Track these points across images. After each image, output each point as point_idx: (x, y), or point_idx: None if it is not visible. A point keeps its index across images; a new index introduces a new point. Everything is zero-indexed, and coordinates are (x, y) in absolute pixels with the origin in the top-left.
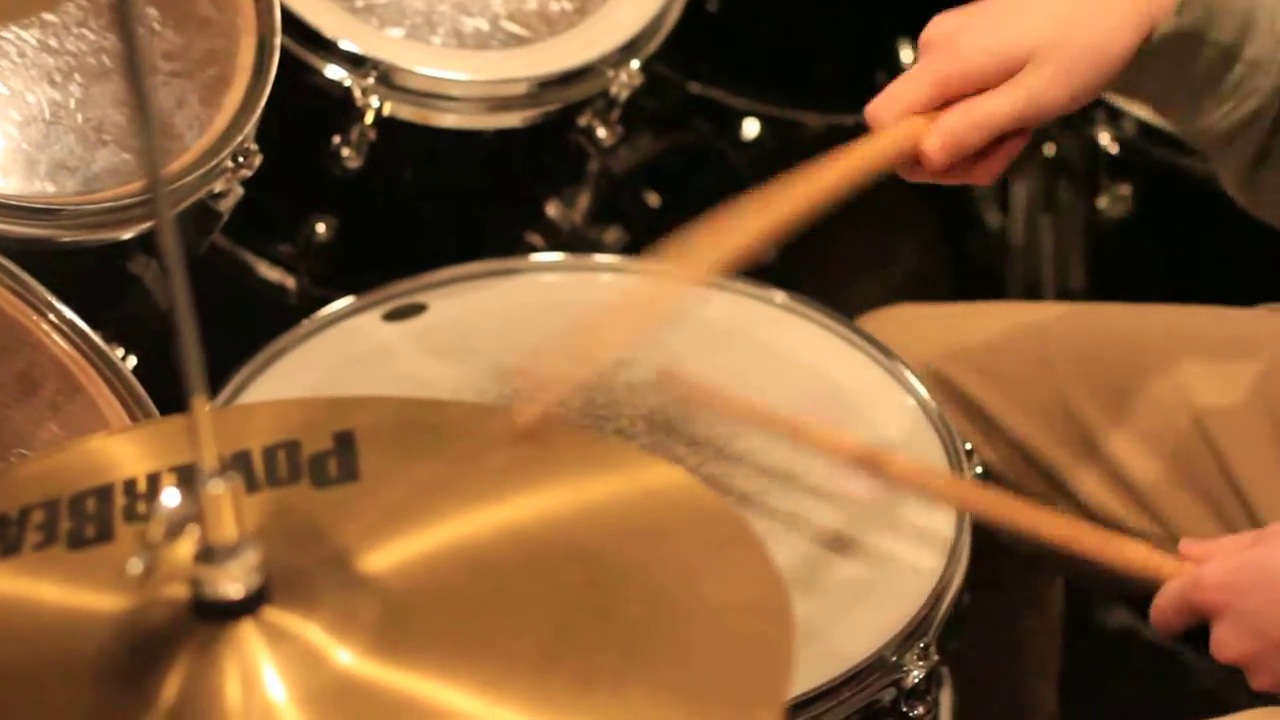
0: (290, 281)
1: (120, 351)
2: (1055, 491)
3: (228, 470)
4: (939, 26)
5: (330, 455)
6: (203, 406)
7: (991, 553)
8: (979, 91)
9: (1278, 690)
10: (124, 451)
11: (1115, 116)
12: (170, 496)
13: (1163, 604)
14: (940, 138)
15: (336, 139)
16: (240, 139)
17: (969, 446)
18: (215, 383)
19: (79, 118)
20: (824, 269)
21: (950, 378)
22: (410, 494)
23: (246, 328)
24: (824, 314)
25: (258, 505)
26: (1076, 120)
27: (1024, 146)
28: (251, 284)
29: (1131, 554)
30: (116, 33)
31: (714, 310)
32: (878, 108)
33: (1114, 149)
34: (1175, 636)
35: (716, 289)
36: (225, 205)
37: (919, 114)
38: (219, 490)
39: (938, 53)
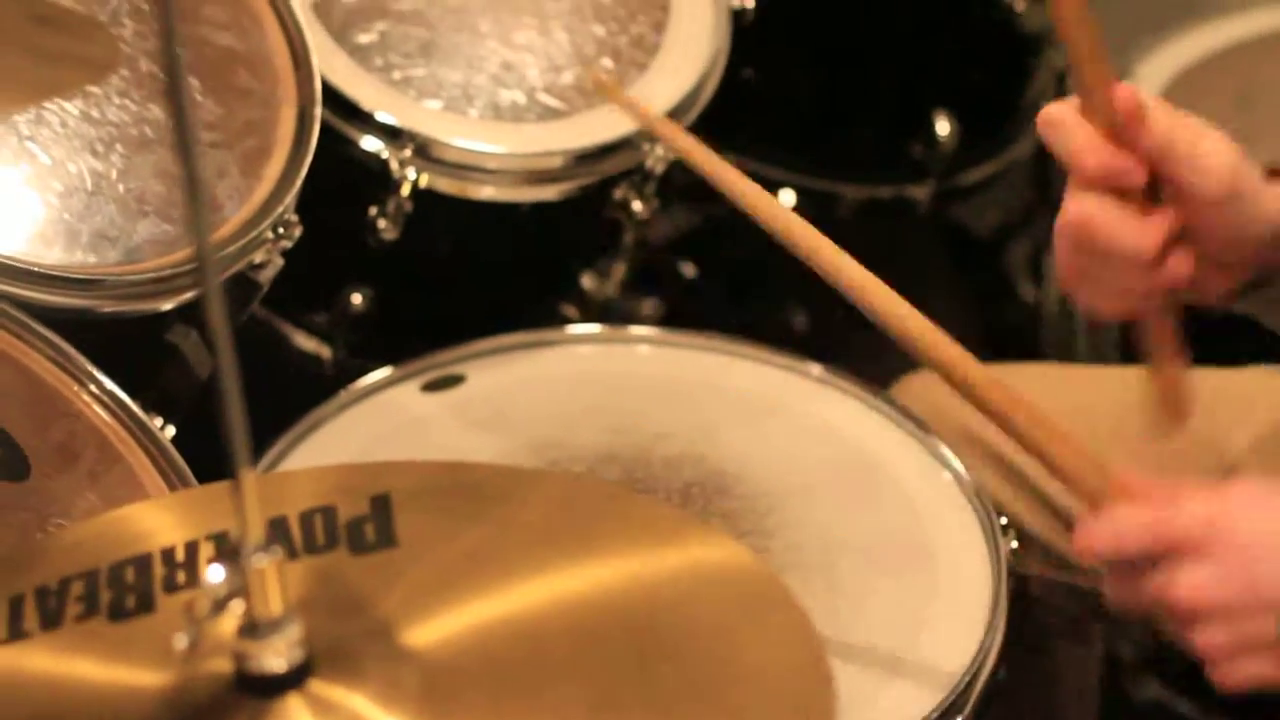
0: (325, 352)
1: (159, 421)
2: None
3: (271, 544)
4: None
5: (367, 520)
6: (249, 480)
7: (1031, 619)
8: None
9: (1237, 682)
10: (161, 520)
11: None
12: (215, 572)
13: (1107, 530)
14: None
15: (373, 210)
16: (281, 210)
17: (1004, 520)
18: (253, 453)
19: (120, 188)
20: (855, 339)
21: (989, 440)
22: (450, 561)
23: (282, 398)
24: (860, 387)
25: (297, 574)
26: None
27: None
28: (287, 354)
29: (1070, 458)
30: (166, 104)
31: (749, 381)
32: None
33: None
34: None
35: (752, 360)
36: (265, 276)
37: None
38: (263, 564)
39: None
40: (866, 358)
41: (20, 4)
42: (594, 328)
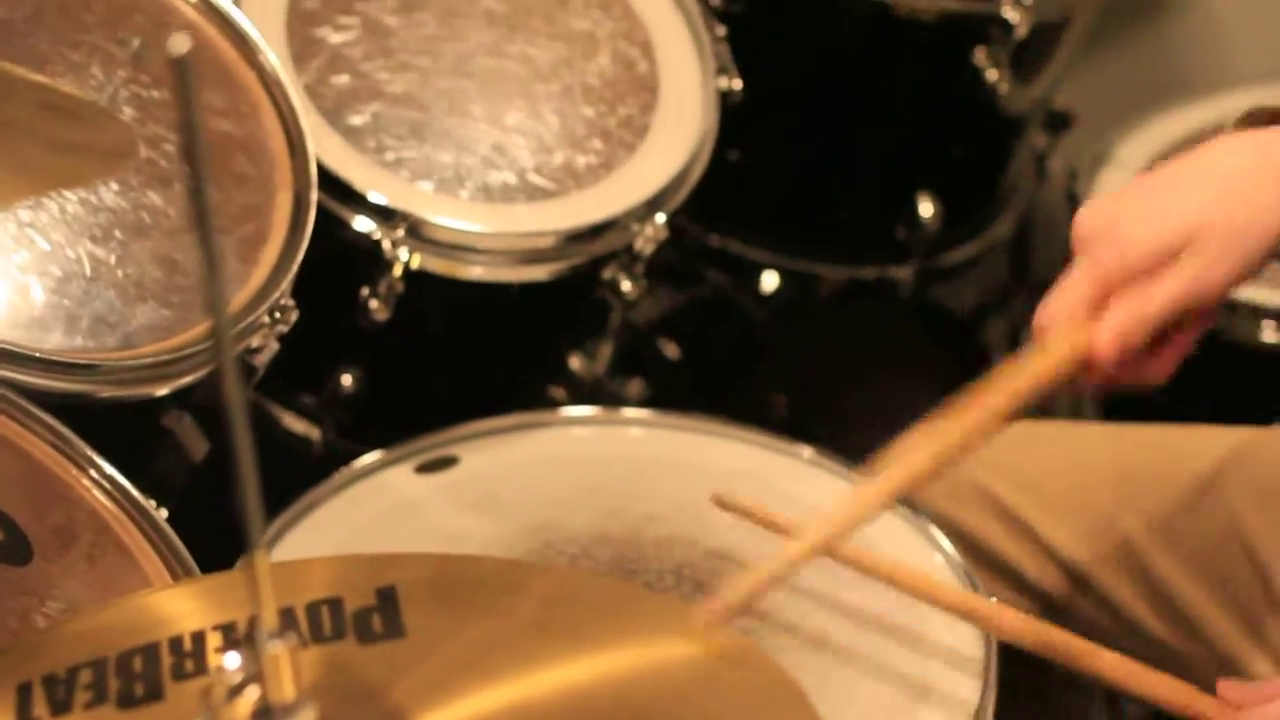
0: (315, 433)
1: (153, 504)
2: (1101, 609)
3: (285, 629)
4: (1093, 219)
5: (374, 611)
6: (263, 564)
7: (1032, 665)
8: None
9: None
10: (169, 609)
11: None
12: (232, 658)
13: None
14: (1109, 336)
15: (364, 291)
16: (277, 295)
17: (994, 599)
18: (237, 540)
19: (119, 274)
20: (839, 417)
21: (999, 496)
22: (457, 652)
23: (272, 480)
24: (851, 469)
25: (307, 662)
26: None
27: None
28: (277, 436)
29: (1172, 693)
30: (186, 188)
31: (741, 463)
32: (1045, 317)
33: None
34: None
35: (744, 442)
36: (261, 360)
37: (1085, 316)
38: (278, 650)
39: (1095, 247)
40: (849, 436)
41: (30, 91)
42: (587, 410)
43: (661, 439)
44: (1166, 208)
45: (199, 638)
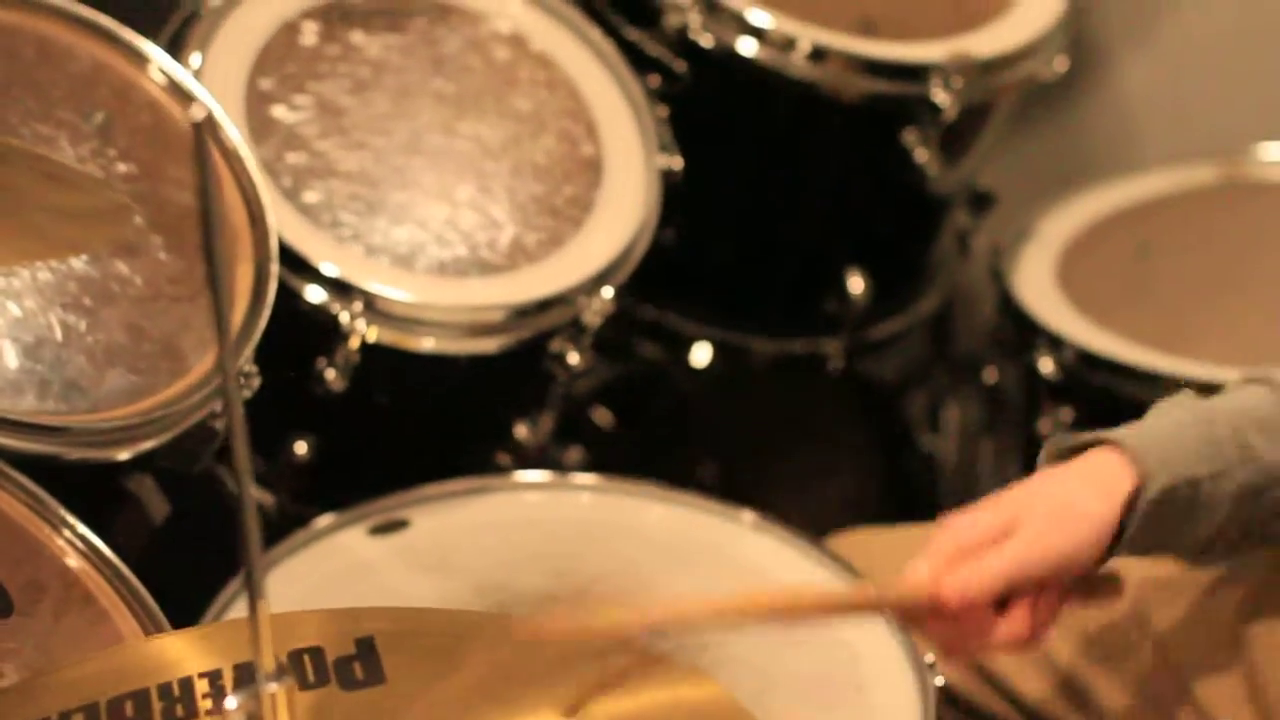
0: (268, 499)
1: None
2: (1019, 710)
3: (283, 672)
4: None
5: (354, 660)
6: (264, 609)
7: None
8: None
9: None
10: (157, 657)
11: (1056, 344)
12: (230, 700)
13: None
14: (952, 582)
15: (321, 361)
16: (240, 361)
17: (930, 659)
18: (201, 595)
19: (89, 340)
20: (768, 486)
21: None
22: (438, 697)
23: (225, 544)
24: (792, 533)
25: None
26: (1017, 347)
27: (1058, 610)
28: (228, 501)
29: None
30: (203, 259)
31: (685, 526)
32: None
33: (1055, 375)
34: None
35: (688, 506)
36: (223, 424)
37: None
38: (276, 691)
39: (948, 525)
40: (772, 506)
41: (29, 161)
42: (538, 474)
43: (608, 503)
44: (989, 503)
45: (187, 684)
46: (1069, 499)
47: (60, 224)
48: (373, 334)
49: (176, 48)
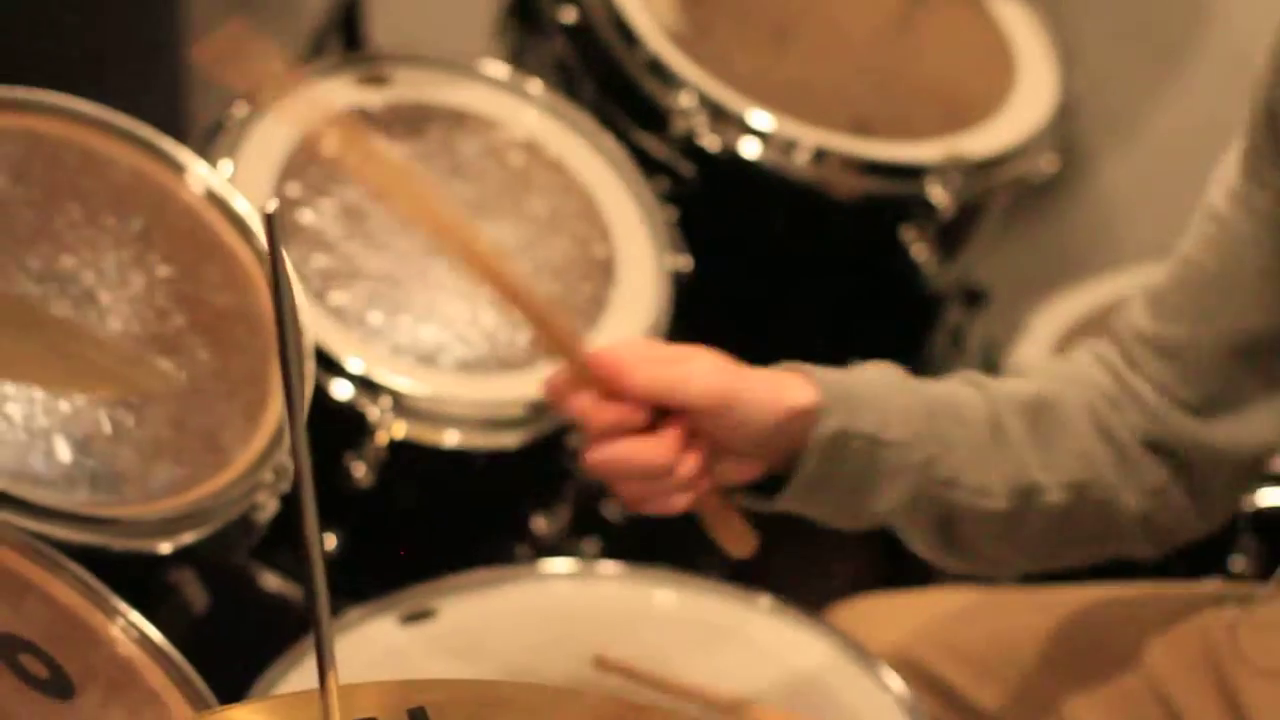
0: (294, 592)
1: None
2: None
3: None
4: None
5: None
6: (332, 681)
7: None
8: None
9: None
10: None
11: None
12: None
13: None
14: (604, 345)
15: (349, 456)
16: (279, 455)
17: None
18: (235, 687)
19: (138, 434)
20: (766, 575)
21: (919, 661)
22: None
23: (251, 636)
24: (806, 615)
25: None
26: None
27: (703, 471)
28: (256, 595)
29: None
30: (278, 353)
31: (703, 612)
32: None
33: None
34: None
35: (707, 592)
36: (263, 518)
37: None
38: None
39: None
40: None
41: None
42: (562, 562)
43: (630, 590)
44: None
45: None
46: (751, 373)
47: (108, 359)
48: (400, 430)
49: (206, 156)
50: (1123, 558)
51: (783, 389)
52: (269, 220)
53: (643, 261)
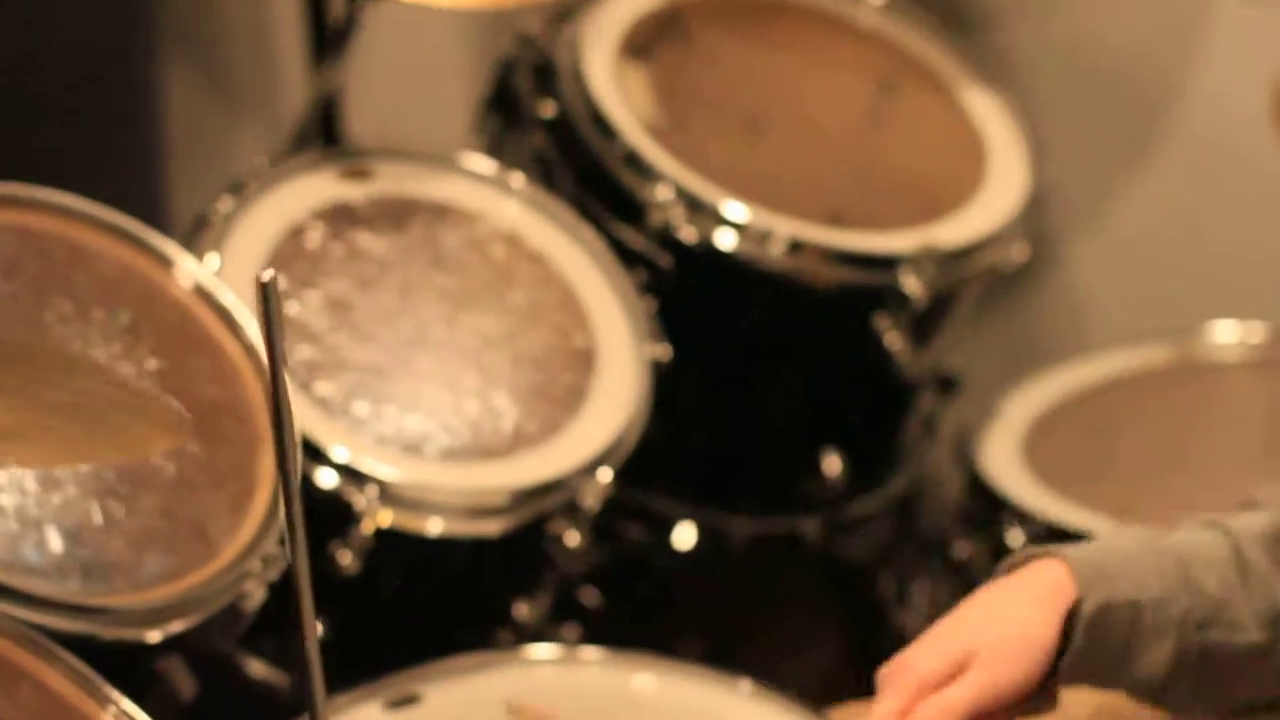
0: (283, 679)
1: None
2: None
3: None
4: (888, 665)
5: None
6: None
7: None
8: None
9: None
10: None
11: (1024, 518)
12: None
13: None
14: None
15: (335, 544)
16: (266, 545)
17: None
18: None
19: (128, 524)
20: (743, 662)
21: None
22: None
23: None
24: (789, 700)
25: None
26: (985, 522)
27: None
28: (242, 682)
29: None
30: (267, 396)
31: (687, 697)
32: None
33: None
34: None
35: (689, 676)
36: (250, 606)
37: None
38: None
39: (893, 679)
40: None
41: (92, 371)
42: (545, 648)
43: (612, 675)
44: (941, 634)
45: None
46: (1019, 622)
47: (135, 422)
48: (386, 518)
49: (192, 250)
50: None
51: (1049, 609)
52: (264, 289)
53: (623, 351)
